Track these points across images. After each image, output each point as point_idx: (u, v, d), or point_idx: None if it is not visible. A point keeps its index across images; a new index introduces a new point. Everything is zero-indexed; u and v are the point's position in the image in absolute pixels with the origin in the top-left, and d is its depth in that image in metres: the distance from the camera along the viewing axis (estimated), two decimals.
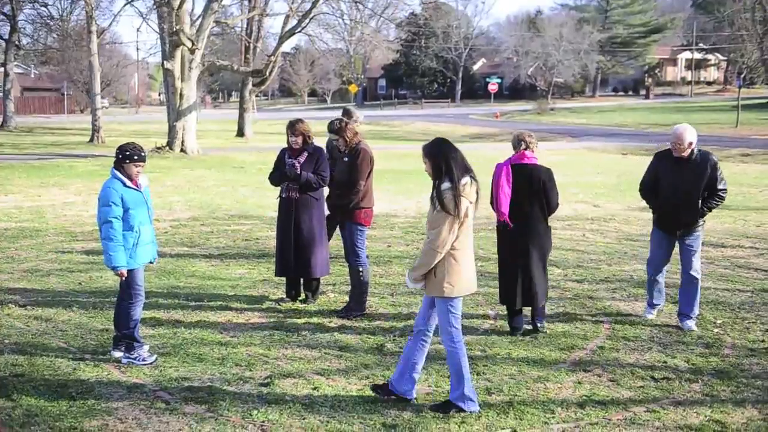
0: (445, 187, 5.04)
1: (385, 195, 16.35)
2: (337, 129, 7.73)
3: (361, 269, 7.62)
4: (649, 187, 7.38)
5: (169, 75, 28.13)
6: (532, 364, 6.21)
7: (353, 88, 70.71)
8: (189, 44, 27.03)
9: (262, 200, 15.90)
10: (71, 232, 12.19)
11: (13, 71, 46.56)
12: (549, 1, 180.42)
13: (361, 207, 7.65)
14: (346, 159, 7.70)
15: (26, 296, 8.15)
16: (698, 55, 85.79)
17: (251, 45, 39.09)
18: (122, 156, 6.04)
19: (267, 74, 33.39)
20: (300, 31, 34.19)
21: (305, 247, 7.83)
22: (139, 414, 5.15)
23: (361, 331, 7.10)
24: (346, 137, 7.69)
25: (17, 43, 44.42)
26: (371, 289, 8.09)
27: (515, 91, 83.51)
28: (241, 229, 12.72)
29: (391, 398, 5.39)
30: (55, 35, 49.86)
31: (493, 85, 71.25)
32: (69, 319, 7.32)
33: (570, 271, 9.61)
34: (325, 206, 8.02)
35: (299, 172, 7.73)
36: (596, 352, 6.54)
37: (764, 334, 7.02)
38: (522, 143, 6.99)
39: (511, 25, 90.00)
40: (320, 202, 7.97)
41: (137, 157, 6.05)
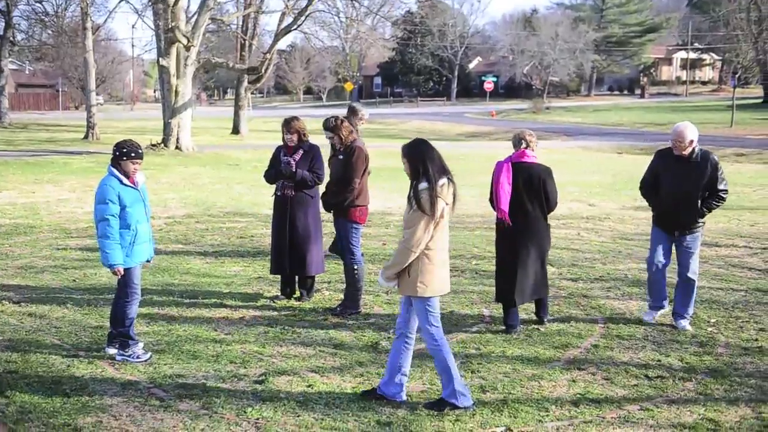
0: (422, 188, 5.09)
1: (381, 193, 16.34)
2: (332, 127, 7.73)
3: (356, 267, 7.62)
4: (650, 186, 7.33)
5: (165, 72, 28.08)
6: (527, 362, 6.22)
7: (349, 86, 70.56)
8: (184, 41, 26.97)
9: (257, 198, 15.89)
10: (65, 229, 12.17)
11: (8, 67, 46.38)
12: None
13: (356, 205, 7.65)
14: (341, 157, 7.69)
15: (20, 293, 8.14)
16: (693, 55, 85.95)
17: (247, 42, 39.06)
18: (119, 153, 6.01)
19: (262, 72, 33.37)
20: (296, 29, 34.18)
21: (300, 245, 7.83)
22: (133, 411, 5.14)
23: (355, 328, 7.10)
24: (341, 135, 7.69)
25: (12, 39, 44.24)
26: (366, 287, 8.09)
27: (511, 90, 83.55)
28: (236, 226, 12.71)
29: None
30: (50, 31, 49.69)
31: (488, 84, 71.27)
32: (63, 316, 7.31)
33: (565, 269, 9.63)
34: (320, 204, 8.02)
35: (294, 170, 7.73)
36: (590, 350, 6.55)
37: (758, 333, 7.04)
38: (523, 142, 7.02)
39: (506, 24, 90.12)
40: (315, 199, 7.97)
41: (134, 155, 6.01)
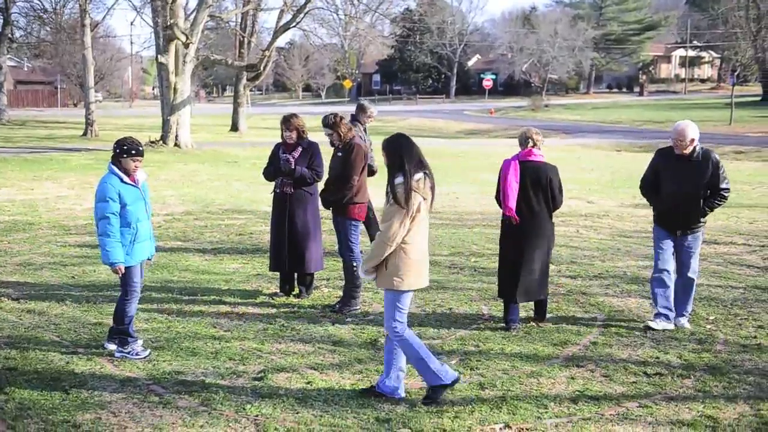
0: (398, 182, 5.13)
1: (379, 190, 16.33)
2: (331, 124, 7.73)
3: (355, 264, 7.62)
4: (650, 185, 7.25)
5: (163, 69, 28.06)
6: (526, 359, 6.22)
7: (348, 84, 70.56)
8: (183, 38, 26.95)
9: (255, 195, 15.89)
10: (64, 226, 12.16)
11: (6, 64, 46.33)
12: None
13: (355, 202, 7.64)
14: (339, 154, 7.69)
15: (19, 290, 8.13)
16: (692, 53, 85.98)
17: (246, 39, 39.03)
18: (120, 150, 5.99)
19: (261, 69, 33.34)
20: (294, 26, 34.14)
21: (299, 242, 7.84)
22: (132, 408, 5.14)
23: (354, 326, 7.10)
24: (340, 132, 7.68)
25: (10, 36, 44.19)
26: (365, 285, 8.08)
27: (510, 88, 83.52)
28: (234, 223, 12.70)
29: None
30: (48, 28, 49.65)
31: (487, 82, 71.22)
32: (62, 313, 7.31)
33: (563, 267, 9.63)
34: (319, 201, 8.02)
35: (293, 167, 7.74)
36: (589, 347, 6.55)
37: (756, 331, 7.05)
38: (530, 140, 7.04)
39: (505, 22, 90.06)
40: (314, 197, 7.97)
41: (135, 152, 5.99)
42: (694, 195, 6.92)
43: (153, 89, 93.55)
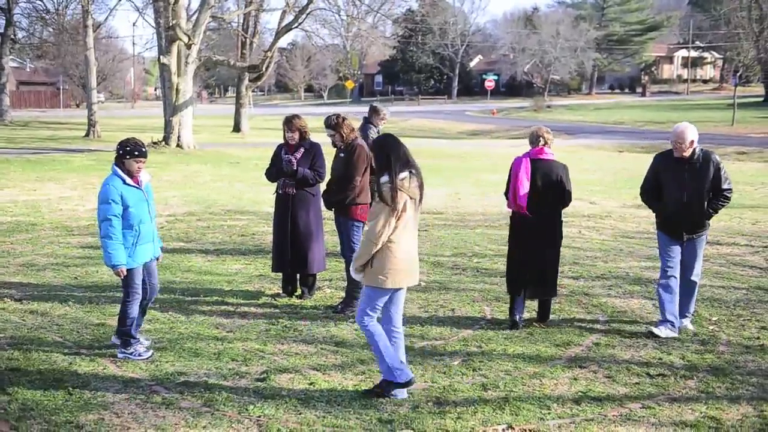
0: (384, 181, 5.18)
1: None
2: (333, 125, 7.73)
3: None
4: (651, 190, 7.14)
5: (166, 70, 28.09)
6: (528, 360, 6.22)
7: (350, 84, 70.51)
8: (185, 39, 26.97)
9: (258, 196, 15.89)
10: (67, 227, 12.17)
11: (9, 65, 46.46)
12: None
13: (357, 203, 7.64)
14: (342, 155, 7.70)
15: (22, 290, 8.14)
16: (694, 53, 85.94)
17: (248, 40, 39.08)
18: (123, 152, 5.99)
19: (263, 70, 33.34)
20: (296, 27, 34.17)
21: (302, 243, 7.84)
22: (135, 408, 5.15)
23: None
24: (342, 133, 7.69)
25: (13, 36, 44.28)
26: None
27: (512, 88, 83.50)
28: (237, 224, 12.71)
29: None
30: (50, 29, 49.74)
31: (489, 82, 71.22)
32: (65, 314, 7.31)
33: (566, 267, 9.62)
34: (321, 202, 8.02)
35: (296, 168, 7.74)
36: (592, 348, 6.55)
37: (759, 332, 7.04)
38: (541, 139, 7.11)
39: (507, 22, 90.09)
40: (317, 198, 7.98)
41: (138, 153, 5.99)
42: (698, 198, 6.84)
43: (155, 90, 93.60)
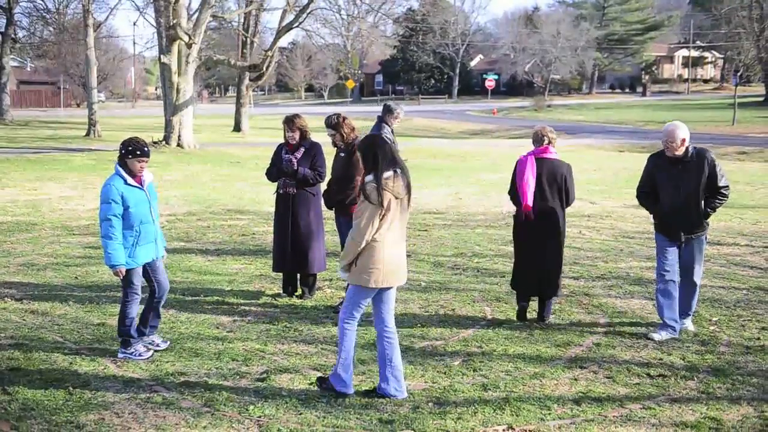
0: (368, 180, 5.24)
1: None
2: (334, 124, 7.73)
3: None
4: (646, 192, 7.09)
5: (166, 69, 28.06)
6: (529, 360, 6.22)
7: (350, 84, 70.57)
8: (186, 38, 26.96)
9: (258, 195, 15.90)
10: (67, 226, 12.18)
11: (9, 64, 46.40)
12: None
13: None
14: (342, 155, 7.69)
15: (22, 290, 8.15)
16: (695, 53, 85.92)
17: (248, 40, 39.03)
18: (125, 151, 6.00)
19: (264, 69, 33.31)
20: (297, 26, 34.13)
21: (302, 243, 7.84)
22: (135, 408, 5.15)
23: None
24: (343, 133, 7.68)
25: (13, 36, 44.26)
26: None
27: (512, 88, 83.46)
28: (237, 224, 12.71)
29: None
30: (51, 28, 49.74)
31: (490, 82, 71.23)
32: (65, 314, 7.32)
33: (566, 268, 9.61)
34: (322, 202, 8.02)
35: (296, 168, 7.74)
36: (592, 348, 6.55)
37: (760, 332, 7.04)
38: (545, 138, 7.20)
39: (508, 22, 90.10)
40: (317, 197, 7.98)
41: (140, 153, 5.99)
42: (693, 196, 6.76)
43: (156, 89, 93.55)
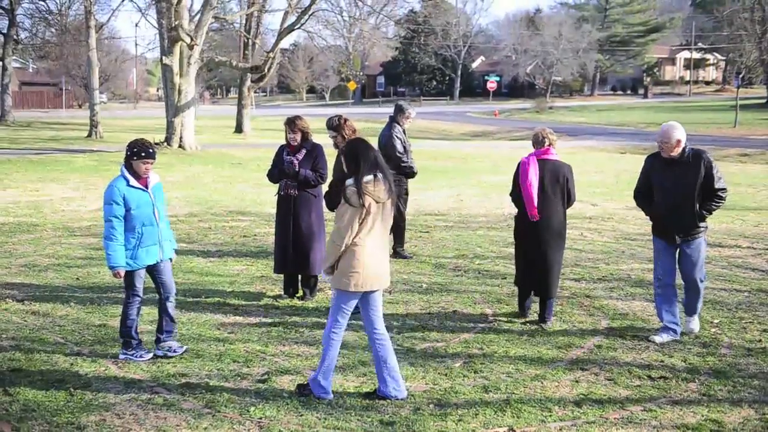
0: (349, 183, 5.24)
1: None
2: (335, 126, 7.73)
3: None
4: (643, 193, 7.04)
5: (168, 70, 28.07)
6: (530, 362, 6.21)
7: (352, 85, 70.63)
8: (188, 40, 26.99)
9: (260, 196, 15.90)
10: (69, 228, 12.18)
11: (11, 65, 46.45)
12: None
13: None
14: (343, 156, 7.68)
15: (24, 291, 8.15)
16: (697, 55, 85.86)
17: (250, 41, 39.07)
18: (130, 153, 6.00)
19: (266, 71, 33.34)
20: (299, 28, 34.17)
21: (304, 244, 7.85)
22: (136, 409, 5.15)
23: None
24: (344, 134, 7.69)
25: (15, 37, 44.30)
26: None
27: (514, 90, 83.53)
28: (239, 225, 12.72)
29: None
30: (53, 30, 49.80)
31: (491, 83, 71.23)
32: (66, 315, 7.32)
33: (568, 269, 9.61)
34: (323, 203, 8.02)
35: (297, 169, 7.74)
36: (593, 350, 6.54)
37: (761, 334, 7.03)
38: (546, 140, 7.27)
39: (510, 24, 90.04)
40: (319, 199, 7.98)
41: (145, 154, 5.99)
42: (688, 197, 6.68)
43: (157, 91, 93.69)
